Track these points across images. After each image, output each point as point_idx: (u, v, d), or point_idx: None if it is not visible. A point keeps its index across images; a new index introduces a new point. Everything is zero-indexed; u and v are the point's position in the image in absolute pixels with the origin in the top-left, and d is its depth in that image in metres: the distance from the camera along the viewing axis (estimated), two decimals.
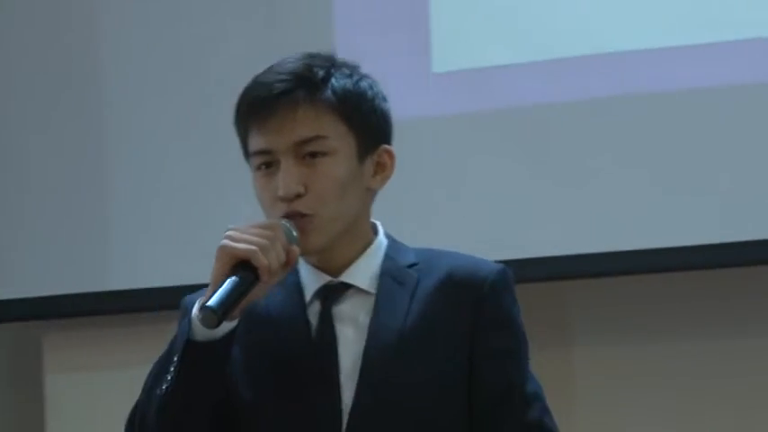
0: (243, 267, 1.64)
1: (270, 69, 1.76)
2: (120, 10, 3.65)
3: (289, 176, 1.70)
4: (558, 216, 3.28)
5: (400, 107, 3.26)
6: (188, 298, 1.72)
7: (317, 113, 1.73)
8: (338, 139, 1.74)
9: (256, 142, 1.74)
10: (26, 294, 3.65)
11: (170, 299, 2.22)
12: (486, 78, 3.45)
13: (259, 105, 1.72)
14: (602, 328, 3.42)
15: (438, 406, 1.73)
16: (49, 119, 3.70)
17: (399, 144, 3.35)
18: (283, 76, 1.73)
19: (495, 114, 3.41)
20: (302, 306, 1.76)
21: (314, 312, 1.75)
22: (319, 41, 3.47)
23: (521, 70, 3.40)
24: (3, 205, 3.77)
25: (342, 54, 2.13)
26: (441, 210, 3.35)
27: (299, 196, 1.71)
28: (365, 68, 1.90)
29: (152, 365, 1.71)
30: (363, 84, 1.79)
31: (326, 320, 1.75)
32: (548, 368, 2.38)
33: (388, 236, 1.84)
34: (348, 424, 1.71)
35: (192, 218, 3.52)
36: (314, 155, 1.72)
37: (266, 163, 1.74)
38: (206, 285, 1.68)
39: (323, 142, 1.73)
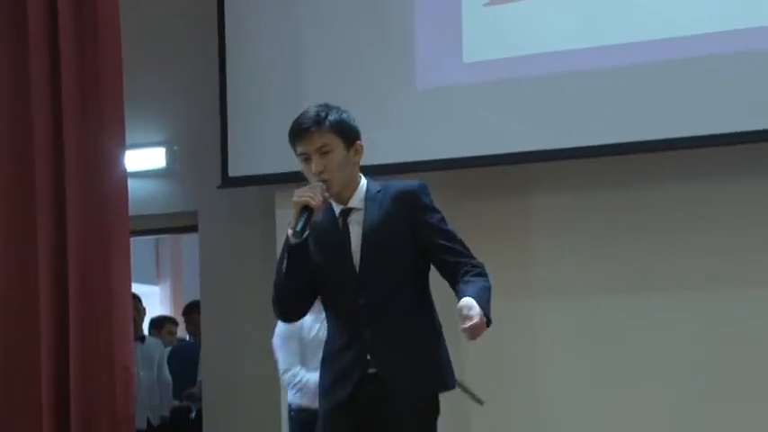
0: (305, 207, 3.20)
1: (301, 114, 3.35)
2: None
3: (316, 164, 3.31)
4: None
5: (442, 78, 6.15)
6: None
7: (323, 133, 3.32)
8: (335, 143, 3.33)
9: (299, 150, 3.34)
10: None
11: None
12: (495, 65, 6.01)
13: (297, 133, 3.34)
14: None
15: (404, 254, 3.33)
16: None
17: (447, 100, 6.21)
18: (305, 118, 3.33)
19: (498, 84, 6.00)
20: (335, 220, 3.38)
21: (340, 222, 3.38)
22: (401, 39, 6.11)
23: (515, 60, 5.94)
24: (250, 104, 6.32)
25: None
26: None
27: (321, 172, 3.29)
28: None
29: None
30: (344, 115, 3.37)
31: (345, 225, 3.39)
32: None
33: (367, 178, 3.38)
34: (360, 269, 3.31)
35: None
36: (326, 152, 3.31)
37: (306, 159, 3.31)
38: None
39: (328, 146, 3.32)
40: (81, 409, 5.96)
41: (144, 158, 7.04)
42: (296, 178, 5.55)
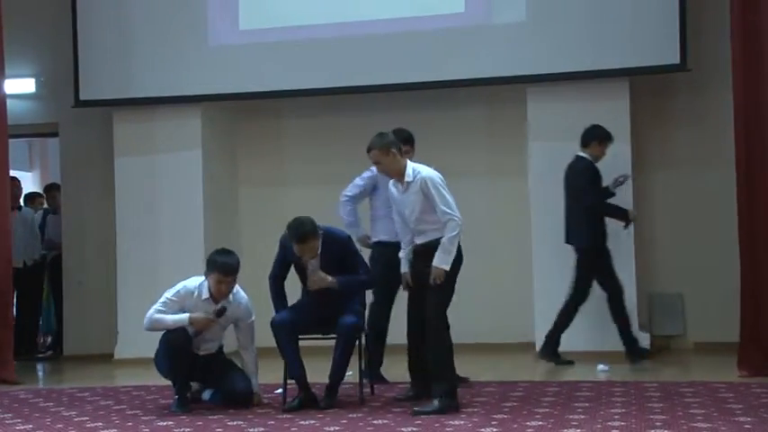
0: None
1: None
2: None
3: None
4: None
5: (225, 39, 9.34)
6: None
7: None
8: None
9: None
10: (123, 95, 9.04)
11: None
12: (258, 33, 8.92)
13: None
14: None
15: None
16: None
17: (228, 54, 9.32)
18: None
19: (260, 45, 8.95)
20: None
21: None
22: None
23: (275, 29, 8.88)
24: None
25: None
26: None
27: None
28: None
29: None
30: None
31: None
32: None
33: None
34: None
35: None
36: None
37: None
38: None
39: None
40: None
41: (21, 85, 9.79)
42: (127, 103, 8.98)
